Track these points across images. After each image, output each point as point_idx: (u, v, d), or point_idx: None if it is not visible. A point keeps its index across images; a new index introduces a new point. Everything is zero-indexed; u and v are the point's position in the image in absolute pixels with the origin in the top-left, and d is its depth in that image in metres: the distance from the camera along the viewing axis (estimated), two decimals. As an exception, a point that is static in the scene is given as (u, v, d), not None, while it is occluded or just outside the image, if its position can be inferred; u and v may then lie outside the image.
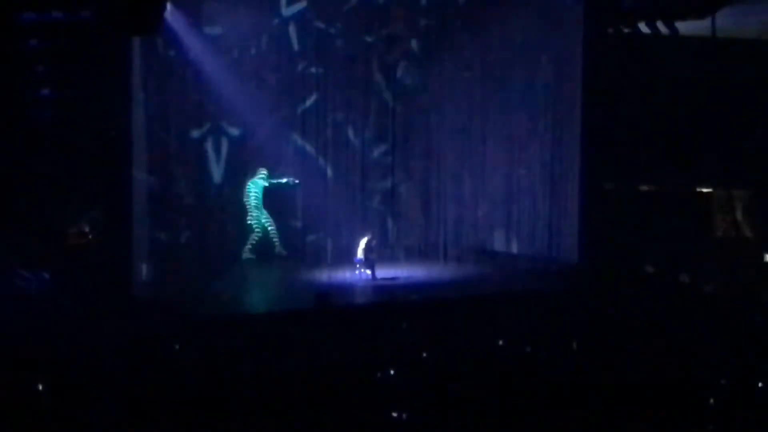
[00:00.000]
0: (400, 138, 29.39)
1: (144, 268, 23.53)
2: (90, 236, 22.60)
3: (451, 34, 28.15)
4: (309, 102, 27.82)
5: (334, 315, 19.09)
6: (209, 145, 26.89)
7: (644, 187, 26.16)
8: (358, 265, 25.16)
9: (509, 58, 27.18)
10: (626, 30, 25.13)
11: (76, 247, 22.43)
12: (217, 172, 27.08)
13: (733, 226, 25.31)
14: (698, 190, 26.50)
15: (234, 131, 26.98)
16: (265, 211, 26.56)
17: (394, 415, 11.17)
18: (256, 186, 26.49)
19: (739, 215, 25.34)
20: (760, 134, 24.80)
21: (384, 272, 25.31)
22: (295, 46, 27.50)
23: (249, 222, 26.60)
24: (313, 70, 27.77)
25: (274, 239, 26.78)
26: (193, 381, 12.58)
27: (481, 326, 16.91)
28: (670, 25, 24.72)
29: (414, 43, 28.75)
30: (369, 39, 28.34)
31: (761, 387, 12.24)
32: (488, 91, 27.88)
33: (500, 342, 14.98)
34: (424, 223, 29.62)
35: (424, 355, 14.11)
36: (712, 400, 11.76)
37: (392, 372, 12.85)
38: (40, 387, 12.07)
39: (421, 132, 29.35)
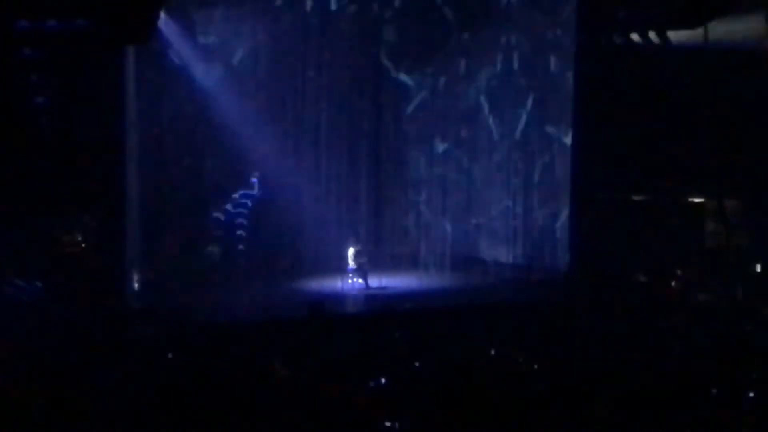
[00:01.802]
0: (393, 147, 29.42)
1: (137, 277, 23.54)
2: (83, 245, 22.60)
3: (446, 47, 28.22)
4: (301, 110, 27.81)
5: (326, 324, 19.12)
6: (202, 153, 26.87)
7: (636, 197, 26.19)
8: (350, 275, 25.24)
9: (502, 67, 27.28)
10: (618, 40, 25.18)
11: (69, 255, 22.43)
12: (211, 180, 27.06)
13: (724, 237, 25.34)
14: (690, 200, 26.53)
15: (228, 139, 26.95)
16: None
17: (387, 423, 11.20)
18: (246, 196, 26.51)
19: (730, 225, 25.35)
20: (752, 144, 24.83)
21: (376, 281, 25.38)
22: (288, 55, 27.48)
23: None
24: (308, 77, 27.76)
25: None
26: (186, 388, 12.59)
27: (474, 335, 16.94)
28: (662, 35, 24.77)
29: (407, 55, 28.76)
30: (365, 47, 28.34)
31: (751, 396, 12.28)
32: (481, 101, 27.95)
33: (492, 351, 15.02)
34: (416, 232, 29.65)
35: (417, 364, 14.14)
36: (703, 410, 11.80)
37: (385, 380, 12.87)
38: (34, 394, 12.08)
39: (414, 142, 29.39)
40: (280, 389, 12.41)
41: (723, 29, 24.23)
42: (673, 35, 24.79)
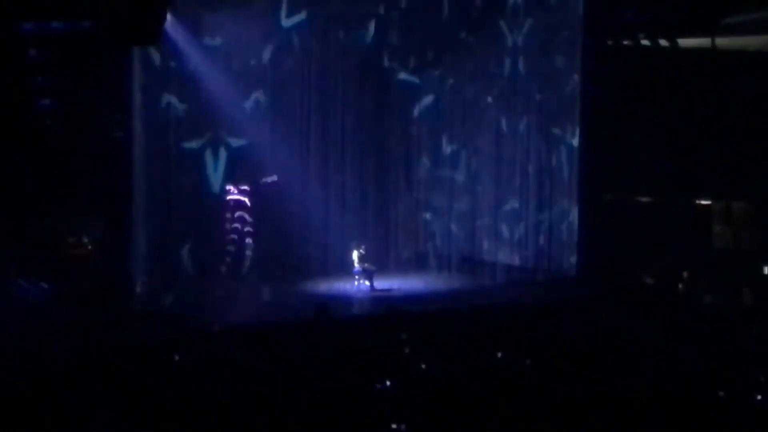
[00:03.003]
0: (398, 149, 29.38)
1: (143, 279, 23.52)
2: (89, 247, 22.61)
3: (453, 47, 28.18)
4: (308, 112, 27.76)
5: (332, 326, 19.09)
6: (208, 156, 26.84)
7: (643, 199, 26.18)
8: (356, 276, 25.22)
9: (509, 69, 27.25)
10: (626, 42, 25.17)
11: (75, 257, 22.44)
12: (215, 182, 27.03)
13: (731, 238, 25.32)
14: (697, 201, 26.51)
15: (233, 141, 26.94)
16: None
17: (394, 426, 11.17)
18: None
19: (737, 227, 25.34)
20: (759, 147, 24.81)
21: (382, 283, 25.35)
22: (295, 57, 27.44)
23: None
24: (312, 80, 27.70)
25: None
26: (192, 391, 12.57)
27: (481, 338, 16.90)
28: (669, 37, 24.76)
29: (413, 56, 28.72)
30: (369, 49, 28.28)
31: (759, 399, 12.24)
32: (487, 102, 27.92)
33: (499, 354, 14.98)
34: (422, 234, 29.63)
35: (423, 366, 14.10)
36: (710, 412, 11.76)
37: (391, 383, 12.84)
38: (38, 395, 12.08)
39: (419, 143, 29.37)
40: (286, 391, 12.38)
41: (731, 32, 24.23)
42: (680, 37, 24.79)
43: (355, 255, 25.34)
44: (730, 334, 17.99)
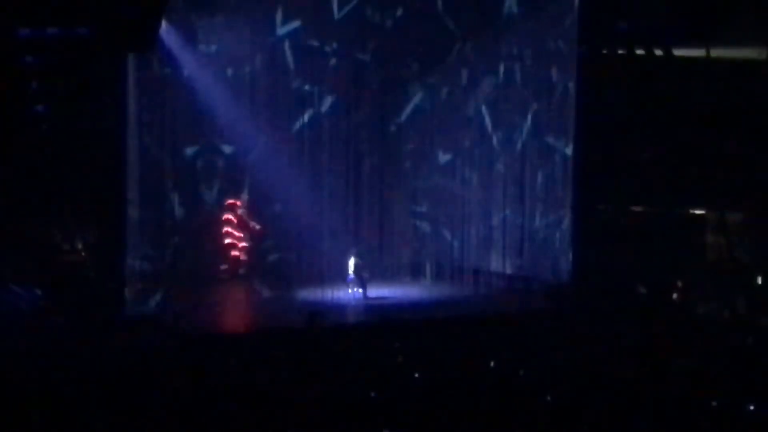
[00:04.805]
0: (394, 157, 29.41)
1: (137, 285, 23.50)
2: (83, 253, 22.59)
3: (449, 57, 28.21)
4: (302, 120, 27.77)
5: (326, 334, 19.08)
6: (202, 163, 26.87)
7: (637, 208, 26.17)
8: (350, 284, 25.22)
9: (504, 78, 27.28)
10: (621, 51, 25.19)
11: (69, 263, 22.42)
12: (209, 189, 27.05)
13: (725, 249, 25.30)
14: (691, 211, 26.51)
15: (227, 149, 26.99)
16: None
17: (386, 434, 11.18)
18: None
19: (731, 238, 25.32)
20: (754, 157, 24.82)
21: (376, 291, 25.34)
22: (290, 65, 27.49)
23: None
24: (306, 88, 27.74)
25: None
26: (184, 397, 12.56)
27: (474, 346, 16.90)
28: (663, 47, 24.78)
29: (411, 64, 28.75)
30: (364, 58, 28.31)
31: (752, 409, 12.24)
32: (483, 111, 27.94)
33: (492, 362, 14.98)
34: (417, 242, 29.64)
35: (416, 374, 14.10)
36: (703, 422, 11.77)
37: (384, 391, 12.83)
38: (33, 400, 12.07)
39: (415, 152, 29.39)
40: (278, 399, 12.37)
41: (725, 42, 24.25)
42: (675, 47, 24.81)
43: (351, 263, 25.34)
44: (723, 343, 18.00)
